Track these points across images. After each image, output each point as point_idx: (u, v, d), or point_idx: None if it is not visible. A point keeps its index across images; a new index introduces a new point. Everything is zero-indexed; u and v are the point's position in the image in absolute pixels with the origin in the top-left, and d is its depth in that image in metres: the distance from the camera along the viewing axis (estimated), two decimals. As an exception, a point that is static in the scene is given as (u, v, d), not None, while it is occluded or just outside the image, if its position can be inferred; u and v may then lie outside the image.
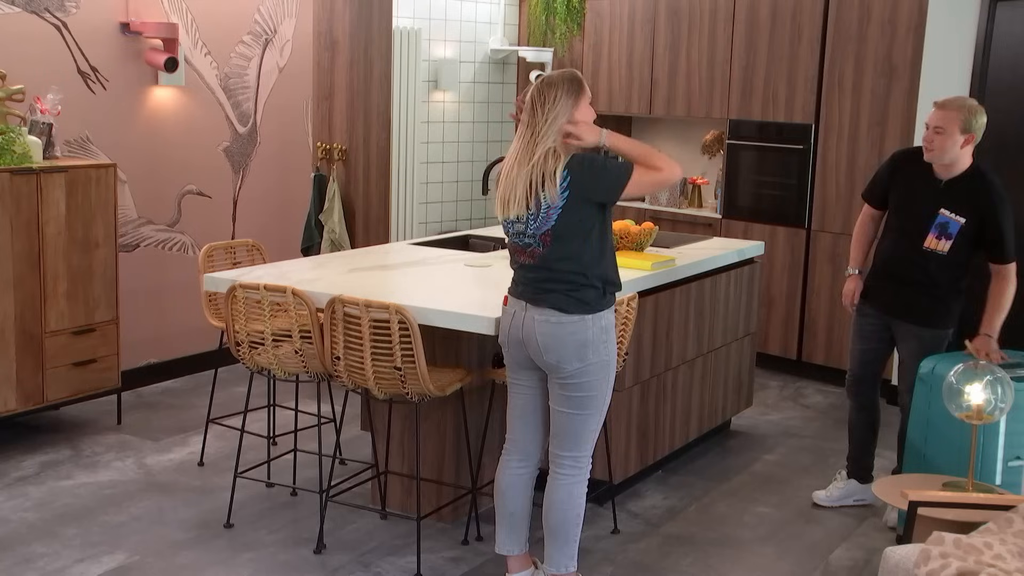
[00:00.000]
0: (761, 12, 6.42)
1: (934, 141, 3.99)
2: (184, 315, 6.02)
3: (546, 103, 3.27)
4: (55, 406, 5.06)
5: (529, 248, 3.35)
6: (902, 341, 4.29)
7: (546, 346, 3.33)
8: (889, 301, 4.28)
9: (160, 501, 4.39)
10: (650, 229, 4.70)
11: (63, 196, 4.85)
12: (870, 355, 4.39)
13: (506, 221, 3.39)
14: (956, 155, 4.01)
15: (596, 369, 3.37)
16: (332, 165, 6.31)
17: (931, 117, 4.03)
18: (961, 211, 4.03)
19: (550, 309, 3.32)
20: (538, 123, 3.28)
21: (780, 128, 6.41)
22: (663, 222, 6.58)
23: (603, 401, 3.45)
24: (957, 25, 5.60)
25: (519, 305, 3.40)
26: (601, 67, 7.28)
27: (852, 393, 4.49)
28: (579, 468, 3.48)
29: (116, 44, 5.57)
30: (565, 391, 3.40)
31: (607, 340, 3.39)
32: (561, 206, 3.25)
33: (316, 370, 3.96)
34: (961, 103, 4.01)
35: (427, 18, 7.09)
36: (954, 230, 4.04)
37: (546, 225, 3.28)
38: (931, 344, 4.20)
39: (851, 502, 4.50)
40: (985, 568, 2.73)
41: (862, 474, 4.51)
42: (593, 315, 3.33)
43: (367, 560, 3.92)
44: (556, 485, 3.48)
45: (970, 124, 3.96)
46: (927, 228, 4.09)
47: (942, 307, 4.18)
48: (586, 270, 3.31)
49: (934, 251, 4.08)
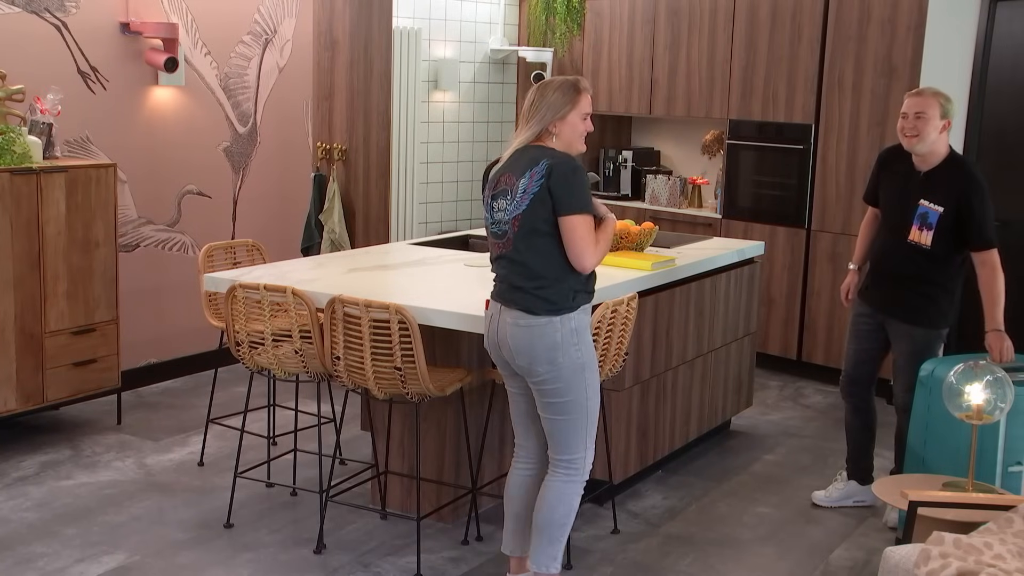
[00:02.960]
0: (761, 12, 6.42)
1: (916, 127, 4.04)
2: (184, 315, 6.02)
3: (544, 97, 3.34)
4: (55, 406, 5.06)
5: (504, 236, 3.33)
6: (895, 341, 4.29)
7: (517, 349, 3.32)
8: (881, 298, 4.28)
9: (160, 501, 4.39)
10: (650, 229, 4.70)
11: (63, 196, 4.85)
12: (864, 355, 4.39)
13: (492, 201, 3.38)
14: (934, 141, 4.05)
15: (568, 373, 3.32)
16: (332, 165, 6.31)
17: (909, 105, 4.07)
18: (939, 200, 4.06)
19: (519, 311, 3.30)
20: (531, 116, 3.34)
21: (780, 128, 6.41)
22: (663, 222, 6.58)
23: (583, 405, 3.38)
24: (957, 25, 5.60)
25: (495, 307, 3.40)
26: (601, 67, 7.28)
27: (847, 394, 4.48)
28: (574, 470, 3.44)
29: (116, 44, 5.57)
30: (542, 396, 3.38)
31: (578, 343, 3.33)
32: (534, 192, 3.25)
33: (316, 370, 3.96)
34: (935, 90, 4.08)
35: (427, 18, 7.09)
36: (933, 220, 4.06)
37: (518, 209, 3.28)
38: (923, 344, 4.19)
39: (850, 503, 4.50)
40: (985, 568, 2.73)
41: (862, 475, 4.51)
42: (561, 316, 3.28)
43: (367, 560, 3.92)
44: (549, 485, 3.46)
45: (947, 110, 4.05)
46: (911, 221, 4.12)
47: (933, 306, 4.17)
48: (552, 266, 3.27)
49: (918, 244, 4.10)
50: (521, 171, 3.29)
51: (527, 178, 3.27)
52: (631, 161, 7.37)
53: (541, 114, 3.33)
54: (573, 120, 3.35)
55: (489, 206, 3.40)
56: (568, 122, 3.34)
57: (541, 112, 3.33)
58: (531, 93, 3.39)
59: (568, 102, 3.33)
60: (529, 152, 3.33)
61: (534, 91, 3.38)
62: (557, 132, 3.34)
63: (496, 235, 3.38)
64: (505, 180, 3.34)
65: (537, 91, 3.37)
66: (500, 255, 3.38)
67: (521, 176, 3.28)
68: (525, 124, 3.38)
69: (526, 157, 3.32)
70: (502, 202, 3.34)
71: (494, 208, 3.37)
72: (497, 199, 3.36)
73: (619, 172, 7.41)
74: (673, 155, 7.52)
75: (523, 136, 3.36)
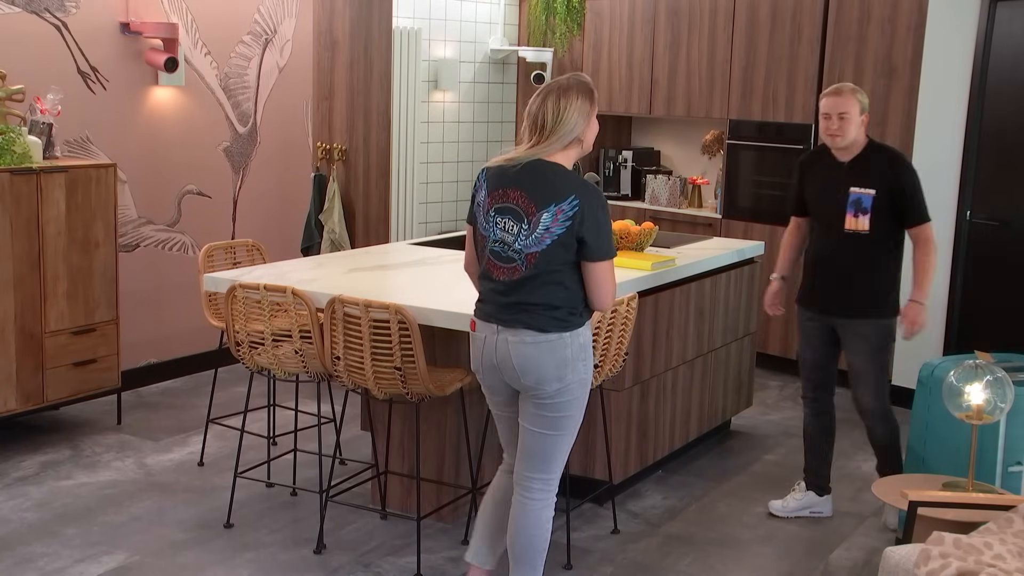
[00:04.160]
0: (761, 12, 6.42)
1: (841, 127, 4.08)
2: (184, 315, 6.02)
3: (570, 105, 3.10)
4: (55, 406, 5.06)
5: (511, 263, 3.13)
6: (849, 343, 4.22)
7: (524, 368, 3.14)
8: (828, 300, 4.24)
9: (160, 501, 4.39)
10: (650, 229, 4.70)
11: (63, 196, 4.85)
12: (822, 359, 4.34)
13: (488, 222, 3.16)
14: (856, 135, 4.12)
15: (575, 388, 3.19)
16: (332, 165, 6.31)
17: (831, 106, 4.09)
18: (869, 183, 4.09)
19: (525, 329, 3.12)
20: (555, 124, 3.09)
21: (780, 128, 6.41)
22: (663, 222, 6.57)
23: (578, 421, 3.26)
24: (957, 25, 5.60)
25: (489, 329, 3.19)
26: (601, 67, 7.28)
27: (808, 400, 4.41)
28: (548, 491, 3.29)
29: (116, 44, 5.57)
30: (541, 411, 3.20)
31: (585, 358, 3.20)
32: (558, 234, 3.06)
33: (316, 370, 3.96)
34: (852, 87, 4.13)
35: (427, 18, 7.09)
36: (868, 203, 4.08)
37: (537, 246, 3.08)
38: (877, 338, 4.16)
39: (807, 514, 4.43)
40: (985, 568, 2.73)
41: (821, 484, 4.44)
42: (571, 332, 3.14)
43: (367, 560, 3.92)
44: (524, 509, 3.28)
45: (864, 104, 4.12)
46: (844, 210, 4.13)
47: (882, 296, 4.16)
48: (567, 298, 3.13)
49: (856, 232, 4.11)
50: (543, 201, 3.06)
51: (550, 214, 3.05)
52: (631, 161, 7.37)
53: (572, 123, 3.09)
54: (594, 123, 3.17)
55: (490, 217, 3.16)
56: (592, 127, 3.16)
57: (572, 121, 3.09)
58: (546, 98, 3.12)
59: (591, 104, 3.14)
60: (547, 172, 3.10)
61: (551, 96, 3.11)
62: (585, 140, 3.15)
63: (498, 256, 3.16)
64: (517, 198, 3.09)
65: (555, 97, 3.10)
66: (501, 281, 3.17)
67: (542, 207, 3.06)
68: (545, 133, 3.10)
69: (546, 181, 3.08)
70: (511, 224, 3.10)
71: (497, 224, 3.13)
72: (504, 215, 3.11)
73: (619, 172, 7.42)
74: (673, 155, 7.52)
75: (548, 147, 3.10)
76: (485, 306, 3.24)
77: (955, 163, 5.66)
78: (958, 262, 5.70)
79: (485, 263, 3.22)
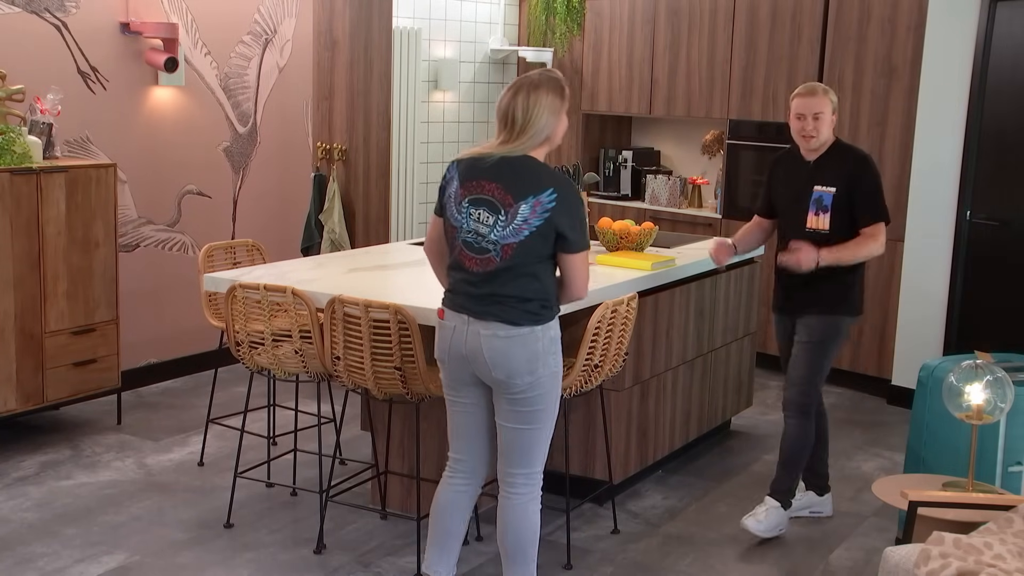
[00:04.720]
0: (761, 12, 6.42)
1: (816, 127, 4.08)
2: (184, 315, 6.02)
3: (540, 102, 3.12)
4: (55, 406, 5.06)
5: (485, 254, 3.14)
6: (796, 334, 4.21)
7: (494, 362, 3.15)
8: (790, 300, 4.22)
9: (160, 501, 4.39)
10: (650, 229, 4.70)
11: (63, 196, 4.85)
12: None
13: (461, 213, 3.16)
14: (828, 135, 4.13)
15: (546, 381, 3.20)
16: (332, 165, 6.31)
17: (804, 107, 4.09)
18: (830, 182, 4.09)
19: (497, 323, 3.13)
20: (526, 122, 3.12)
21: (780, 128, 6.40)
22: (663, 222, 6.58)
23: (553, 414, 3.27)
24: (957, 25, 5.60)
25: (459, 319, 3.19)
26: (601, 67, 7.28)
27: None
28: (532, 485, 3.29)
29: (116, 44, 5.57)
30: (515, 406, 3.21)
31: (555, 351, 3.22)
32: (536, 225, 3.09)
33: (316, 370, 3.96)
34: (823, 87, 4.14)
35: (427, 18, 7.09)
36: (828, 201, 4.08)
37: (514, 237, 3.10)
38: (821, 331, 4.11)
39: (807, 514, 4.43)
40: (985, 568, 2.73)
41: (820, 483, 4.43)
42: (543, 326, 3.16)
43: (367, 560, 3.92)
44: (510, 505, 3.29)
45: (835, 103, 4.14)
46: (807, 208, 4.13)
47: (850, 292, 4.14)
48: (541, 289, 3.16)
49: (816, 230, 4.09)
50: (520, 192, 3.09)
51: (528, 206, 3.08)
52: (631, 161, 7.37)
53: (543, 122, 3.12)
54: (564, 119, 3.19)
55: (463, 208, 3.16)
56: (562, 123, 3.19)
57: (543, 118, 3.12)
58: (516, 94, 3.14)
59: (562, 101, 3.17)
60: (524, 167, 3.12)
61: (521, 93, 3.13)
62: (555, 136, 3.18)
63: (470, 247, 3.16)
64: (492, 190, 3.11)
65: (526, 93, 3.13)
66: (474, 271, 3.17)
67: (520, 198, 3.08)
68: (515, 132, 3.13)
69: (523, 174, 3.11)
70: (486, 215, 3.11)
71: (471, 215, 3.14)
72: (479, 207, 3.12)
73: (619, 172, 7.41)
74: (673, 155, 7.52)
75: (520, 147, 3.12)
76: (456, 296, 3.23)
77: (955, 163, 5.66)
78: (958, 262, 5.69)
79: (457, 254, 3.21)
